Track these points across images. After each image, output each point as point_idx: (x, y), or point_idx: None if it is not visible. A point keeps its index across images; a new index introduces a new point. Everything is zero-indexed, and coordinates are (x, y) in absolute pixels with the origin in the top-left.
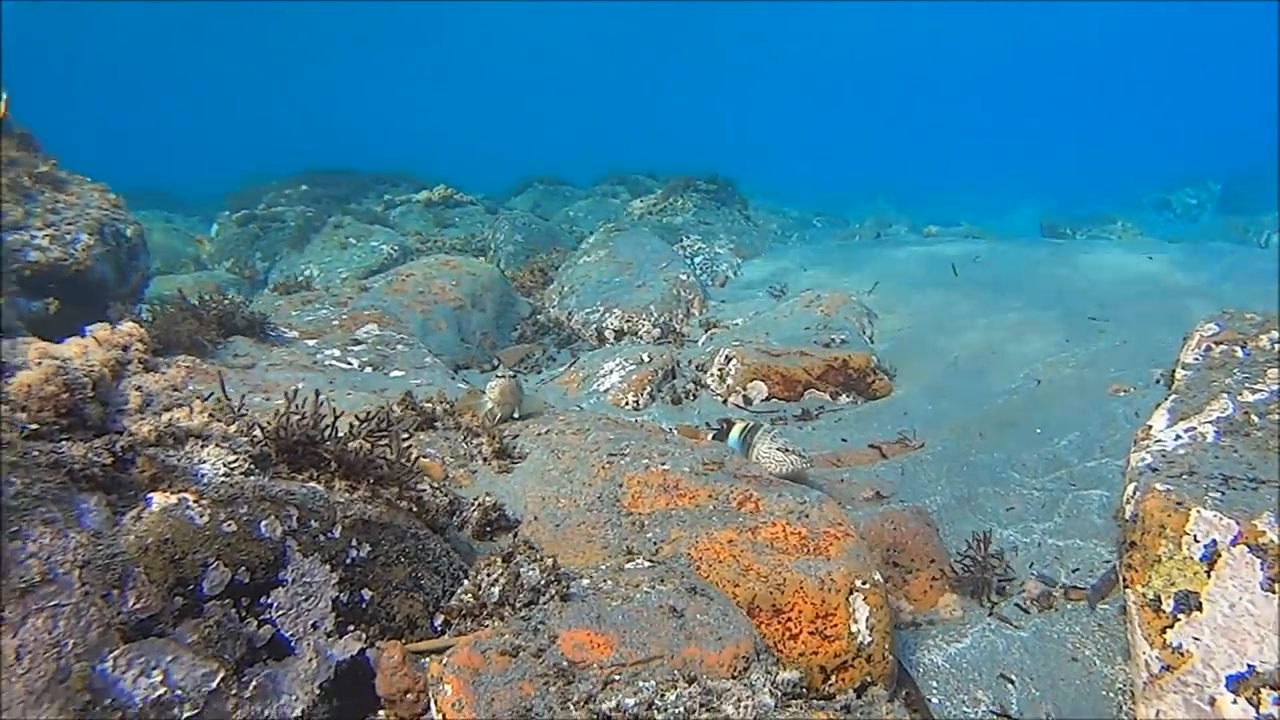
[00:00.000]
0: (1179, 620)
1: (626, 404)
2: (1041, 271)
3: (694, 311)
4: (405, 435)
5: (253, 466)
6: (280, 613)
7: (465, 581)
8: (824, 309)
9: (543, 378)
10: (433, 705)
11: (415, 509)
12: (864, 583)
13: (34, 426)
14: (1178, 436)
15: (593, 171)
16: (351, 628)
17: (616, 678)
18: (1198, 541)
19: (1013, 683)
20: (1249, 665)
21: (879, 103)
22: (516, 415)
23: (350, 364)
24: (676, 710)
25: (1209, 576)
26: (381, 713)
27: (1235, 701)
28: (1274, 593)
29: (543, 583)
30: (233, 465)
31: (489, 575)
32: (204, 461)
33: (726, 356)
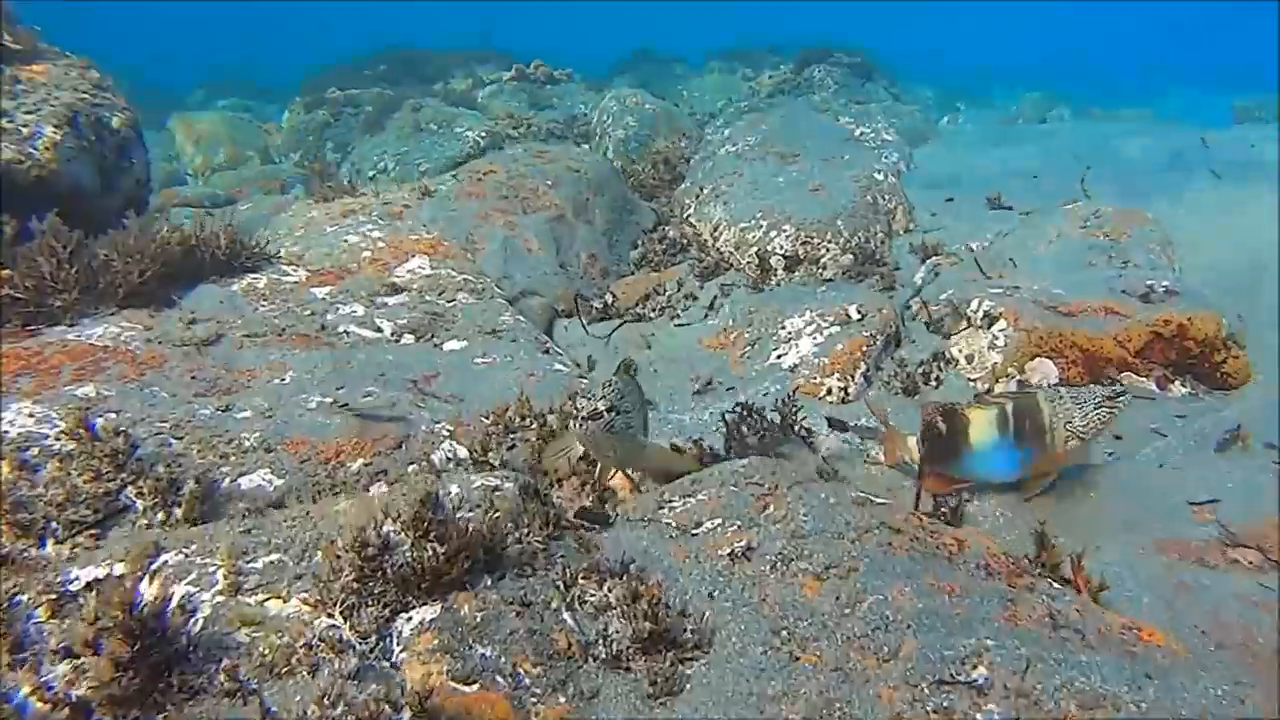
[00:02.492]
0: None
1: (829, 392)
2: None
3: (897, 226)
4: None
5: None
6: None
7: None
8: (1109, 232)
9: (683, 325)
10: None
11: None
12: None
13: None
14: None
15: (694, 49)
16: None
17: None
18: None
19: None
20: None
21: None
22: (642, 478)
23: (380, 329)
24: None
25: None
26: None
27: None
28: None
29: None
30: None
31: None
32: None
33: (987, 314)
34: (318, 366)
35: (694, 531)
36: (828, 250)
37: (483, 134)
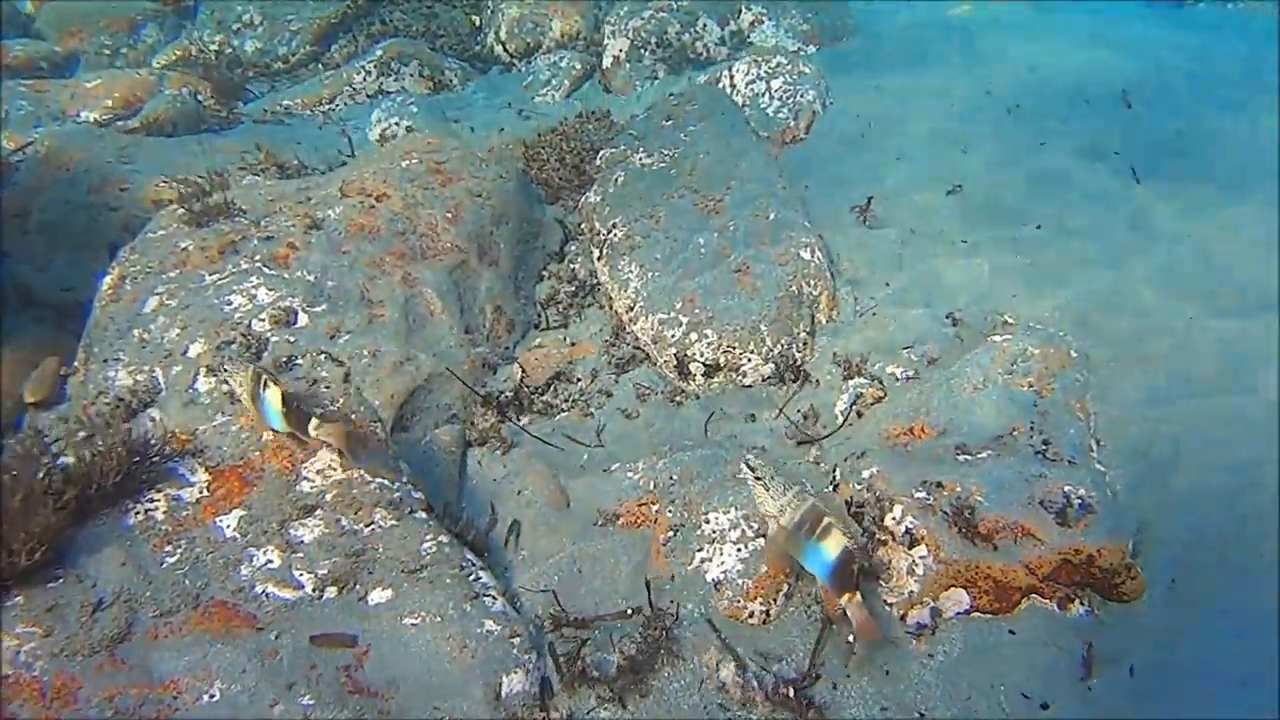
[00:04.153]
0: None
1: (750, 615)
2: None
3: (821, 318)
4: None
5: None
6: None
7: None
8: (1034, 382)
9: (587, 456)
10: None
11: None
12: None
13: None
14: None
15: None
16: None
17: None
18: None
19: None
20: None
21: None
22: None
23: (301, 584)
24: None
25: None
26: None
27: None
28: None
29: None
30: None
31: None
32: None
33: (909, 532)
34: (245, 671)
35: None
36: (749, 359)
37: None
